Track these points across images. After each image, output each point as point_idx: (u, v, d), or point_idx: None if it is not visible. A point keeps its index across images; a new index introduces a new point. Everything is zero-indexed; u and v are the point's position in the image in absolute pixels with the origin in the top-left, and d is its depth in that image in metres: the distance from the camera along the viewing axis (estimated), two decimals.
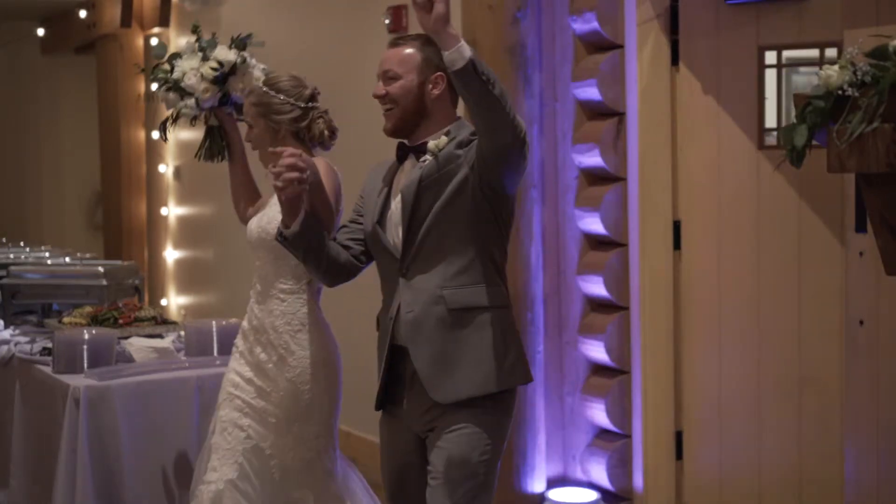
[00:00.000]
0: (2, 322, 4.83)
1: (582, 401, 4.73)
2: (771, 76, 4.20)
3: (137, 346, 4.04)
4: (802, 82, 4.19)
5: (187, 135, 3.64)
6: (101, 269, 5.06)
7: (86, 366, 3.77)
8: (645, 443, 4.54)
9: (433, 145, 2.79)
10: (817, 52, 4.06)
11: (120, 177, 8.47)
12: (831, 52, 3.98)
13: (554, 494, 4.54)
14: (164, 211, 8.15)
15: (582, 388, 4.74)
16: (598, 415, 4.64)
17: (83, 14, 8.74)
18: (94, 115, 8.97)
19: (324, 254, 2.87)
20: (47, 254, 6.24)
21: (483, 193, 2.74)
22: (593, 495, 4.50)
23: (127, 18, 8.16)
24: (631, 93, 4.51)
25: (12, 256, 5.99)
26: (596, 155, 4.55)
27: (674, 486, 4.51)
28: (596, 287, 4.62)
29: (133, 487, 3.62)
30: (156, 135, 7.80)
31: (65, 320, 4.41)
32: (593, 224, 4.61)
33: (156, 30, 8.03)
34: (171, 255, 8.19)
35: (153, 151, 8.21)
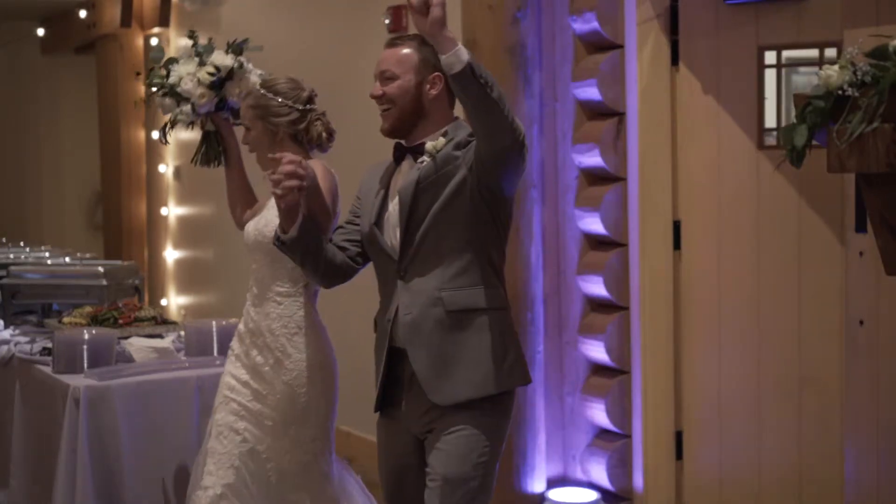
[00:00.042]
0: (2, 322, 4.82)
1: (582, 401, 4.73)
2: (771, 76, 4.20)
3: (137, 346, 4.04)
4: (802, 82, 4.19)
5: (187, 135, 3.63)
6: (101, 269, 5.06)
7: (86, 366, 3.77)
8: (645, 443, 4.53)
9: (431, 146, 2.77)
10: (817, 52, 4.06)
11: (120, 177, 8.47)
12: (831, 52, 3.99)
13: (554, 494, 4.54)
14: (164, 211, 8.15)
15: (582, 388, 4.74)
16: (598, 415, 4.64)
17: (83, 14, 8.73)
18: (94, 115, 8.96)
19: (321, 257, 2.86)
20: (47, 254, 6.24)
21: (481, 195, 2.73)
22: (593, 495, 4.50)
23: (127, 18, 8.16)
24: (631, 93, 4.51)
25: (12, 256, 5.99)
26: (596, 155, 4.54)
27: (674, 486, 4.51)
28: (596, 287, 4.62)
29: (133, 487, 3.62)
30: (156, 135, 7.80)
31: (65, 320, 4.41)
32: (593, 224, 4.61)
33: (156, 30, 8.03)
34: (171, 255, 8.19)
35: (153, 151, 8.21)
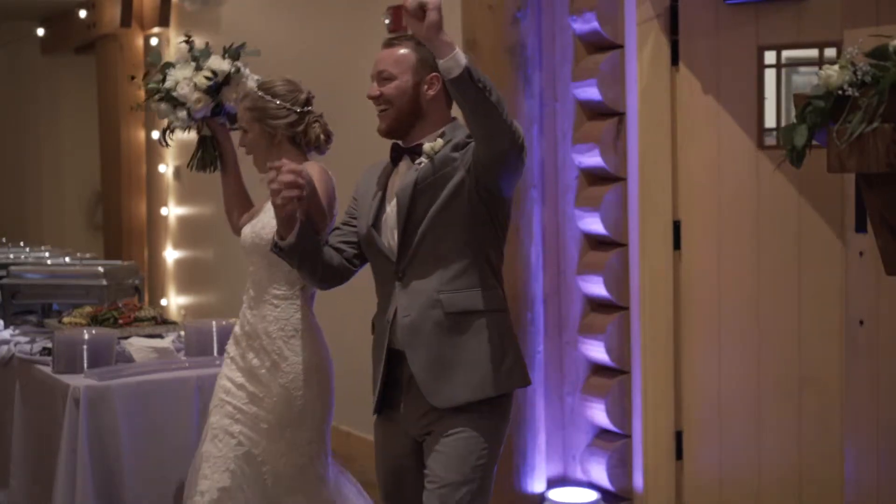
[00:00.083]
0: (2, 322, 4.82)
1: (582, 401, 4.72)
2: (770, 76, 4.20)
3: (137, 346, 4.03)
4: (802, 82, 4.19)
5: (188, 136, 3.63)
6: (101, 269, 5.06)
7: (86, 366, 3.77)
8: (645, 443, 4.53)
9: (429, 148, 2.76)
10: (817, 52, 4.06)
11: (120, 177, 8.47)
12: (831, 52, 3.99)
13: (554, 494, 4.54)
14: (164, 211, 8.15)
15: (582, 388, 4.74)
16: (598, 415, 4.64)
17: (83, 14, 8.73)
18: (94, 115, 8.96)
19: (319, 260, 2.85)
20: (47, 254, 6.24)
21: (479, 196, 2.72)
22: (593, 495, 4.50)
23: (127, 18, 8.16)
24: (631, 93, 4.51)
25: (12, 256, 5.99)
26: (596, 155, 4.54)
27: (674, 486, 4.51)
28: (596, 287, 4.62)
29: (133, 487, 3.62)
30: (156, 135, 7.79)
31: (65, 320, 4.41)
32: (593, 224, 4.61)
33: (156, 30, 8.02)
34: (170, 255, 8.19)
35: (153, 151, 8.21)
